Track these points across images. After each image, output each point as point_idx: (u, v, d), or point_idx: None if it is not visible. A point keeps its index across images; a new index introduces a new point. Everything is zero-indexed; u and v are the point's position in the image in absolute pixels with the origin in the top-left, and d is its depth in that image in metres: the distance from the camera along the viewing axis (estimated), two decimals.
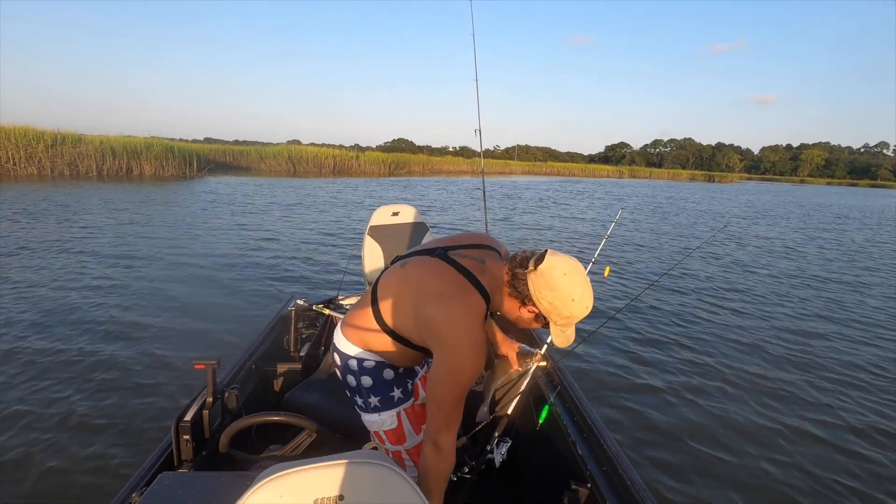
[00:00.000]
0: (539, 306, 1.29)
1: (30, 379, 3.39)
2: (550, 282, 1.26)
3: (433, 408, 1.28)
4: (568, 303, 1.27)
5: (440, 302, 1.28)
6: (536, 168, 61.43)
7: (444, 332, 1.25)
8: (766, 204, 26.27)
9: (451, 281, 1.32)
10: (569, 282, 1.26)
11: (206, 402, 1.71)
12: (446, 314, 1.26)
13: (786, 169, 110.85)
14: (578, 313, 1.29)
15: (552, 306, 1.28)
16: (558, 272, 1.26)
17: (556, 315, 1.29)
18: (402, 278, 1.39)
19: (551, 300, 1.27)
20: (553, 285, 1.26)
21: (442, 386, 1.25)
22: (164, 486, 1.17)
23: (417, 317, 1.31)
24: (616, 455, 1.57)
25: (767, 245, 11.35)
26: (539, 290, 1.27)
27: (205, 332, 4.35)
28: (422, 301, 1.31)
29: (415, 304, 1.32)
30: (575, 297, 1.27)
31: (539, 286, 1.27)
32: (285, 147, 33.73)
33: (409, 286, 1.37)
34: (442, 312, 1.26)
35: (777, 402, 3.67)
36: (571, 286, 1.26)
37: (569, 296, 1.26)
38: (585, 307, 1.29)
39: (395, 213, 2.96)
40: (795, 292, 6.98)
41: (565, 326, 1.33)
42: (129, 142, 21.39)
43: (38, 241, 7.51)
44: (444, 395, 1.25)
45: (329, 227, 10.56)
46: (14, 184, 15.49)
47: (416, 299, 1.32)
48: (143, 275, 6.09)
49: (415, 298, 1.33)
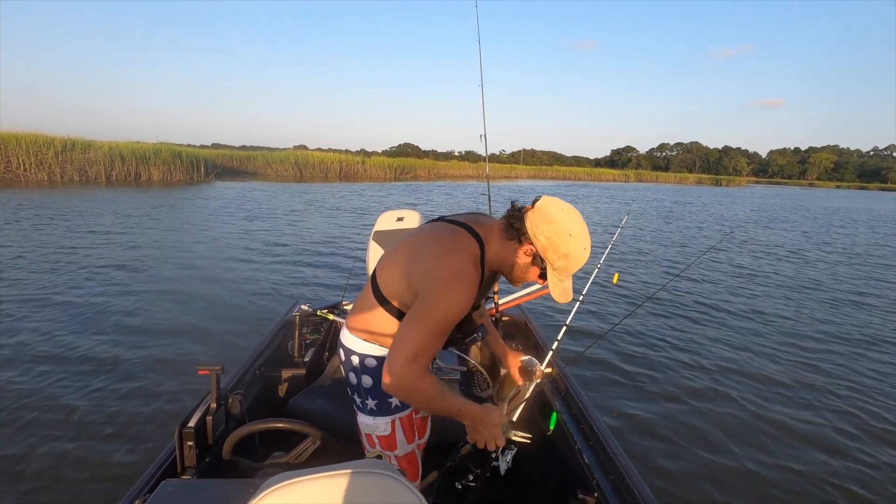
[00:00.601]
0: (536, 243, 1.29)
1: (33, 381, 3.41)
2: (548, 216, 1.28)
3: (408, 335, 1.21)
4: (565, 237, 1.27)
5: (431, 245, 1.30)
6: (542, 172, 61.39)
7: (434, 266, 1.24)
8: (774, 208, 26.09)
9: (441, 229, 1.35)
10: (566, 217, 1.28)
11: (210, 408, 1.71)
12: (436, 250, 1.27)
13: (794, 172, 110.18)
14: (576, 251, 1.28)
15: (549, 241, 1.27)
16: (556, 208, 1.29)
17: (554, 252, 1.28)
18: (397, 246, 1.41)
19: (548, 234, 1.27)
20: (551, 219, 1.28)
21: (424, 315, 1.22)
22: (167, 493, 1.17)
23: (410, 269, 1.29)
24: (623, 464, 1.55)
25: (774, 249, 11.26)
26: (536, 225, 1.28)
27: (208, 336, 4.37)
28: (414, 251, 1.32)
29: (408, 257, 1.32)
30: (573, 231, 1.27)
31: (536, 221, 1.29)
32: (292, 152, 33.95)
33: (402, 246, 1.38)
34: (432, 249, 1.28)
35: (790, 408, 3.62)
36: (569, 220, 1.28)
37: (566, 229, 1.27)
38: (583, 247, 1.29)
39: (399, 217, 2.96)
40: (807, 298, 6.91)
41: (563, 273, 1.32)
42: (137, 147, 21.63)
43: (46, 246, 7.58)
44: (424, 325, 1.22)
45: (334, 232, 10.59)
46: (25, 189, 15.68)
47: (408, 253, 1.33)
48: (148, 279, 6.13)
49: (407, 252, 1.34)
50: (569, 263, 1.30)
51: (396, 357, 1.21)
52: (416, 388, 1.22)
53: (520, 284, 1.43)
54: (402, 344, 1.22)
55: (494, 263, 1.36)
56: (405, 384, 1.21)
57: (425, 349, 1.22)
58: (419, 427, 1.57)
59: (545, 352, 2.31)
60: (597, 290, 6.35)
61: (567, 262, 1.30)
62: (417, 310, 1.24)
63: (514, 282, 1.41)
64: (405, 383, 1.21)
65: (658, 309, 5.83)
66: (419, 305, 1.24)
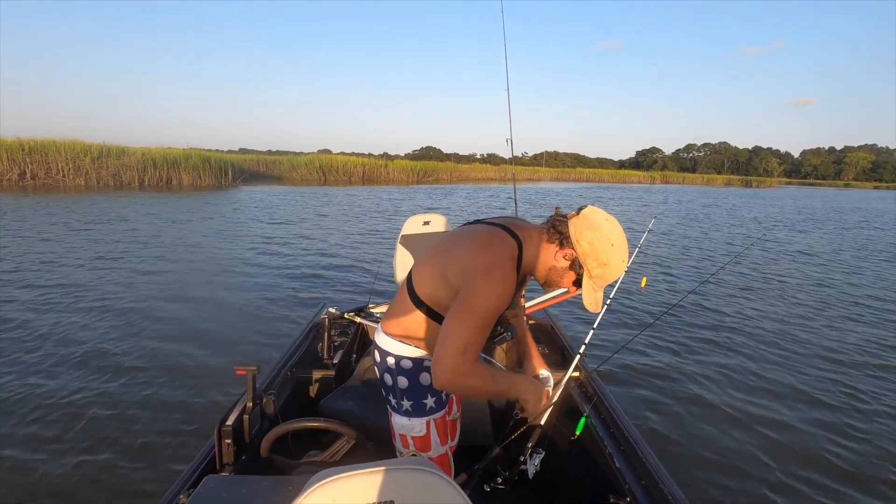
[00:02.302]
0: (577, 248, 1.31)
1: (77, 377, 3.56)
2: (593, 223, 1.31)
3: (453, 330, 1.22)
4: (607, 246, 1.29)
5: (468, 242, 1.33)
6: (565, 174, 60.86)
7: (472, 259, 1.27)
8: (809, 209, 25.26)
9: (478, 229, 1.38)
10: (611, 227, 1.31)
11: (247, 408, 1.76)
12: (474, 246, 1.30)
13: (829, 172, 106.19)
14: (615, 262, 1.30)
15: (591, 247, 1.29)
16: (601, 217, 1.32)
17: (594, 260, 1.30)
18: (432, 247, 1.44)
19: (591, 240, 1.29)
20: (595, 226, 1.30)
21: (466, 309, 1.23)
22: (209, 488, 1.21)
23: (447, 267, 1.32)
24: (656, 469, 1.53)
25: (808, 252, 10.90)
26: (580, 231, 1.31)
27: (236, 337, 4.49)
28: (450, 249, 1.35)
29: (444, 256, 1.36)
30: (615, 241, 1.30)
31: (581, 227, 1.31)
32: (316, 156, 34.49)
33: (437, 246, 1.42)
34: (469, 245, 1.31)
35: (829, 413, 3.51)
36: (613, 231, 1.30)
37: (609, 238, 1.29)
38: (622, 259, 1.31)
39: (426, 221, 2.99)
40: (845, 304, 6.67)
41: (598, 281, 1.33)
42: (168, 153, 22.30)
43: (84, 249, 7.90)
44: (468, 318, 1.23)
45: (359, 235, 10.71)
46: (64, 195, 16.33)
47: (444, 252, 1.37)
48: (178, 280, 6.33)
49: (443, 252, 1.37)
50: (606, 273, 1.32)
51: (445, 353, 1.21)
52: (470, 380, 1.23)
53: (552, 289, 1.44)
54: (449, 339, 1.22)
55: (531, 265, 1.38)
56: (457, 378, 1.22)
57: (473, 342, 1.23)
58: (451, 429, 1.59)
59: (572, 355, 2.30)
60: (623, 293, 6.27)
61: (605, 271, 1.31)
62: (460, 304, 1.25)
63: (546, 285, 1.42)
64: (458, 377, 1.22)
65: (686, 314, 5.72)
66: (461, 299, 1.25)
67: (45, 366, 3.76)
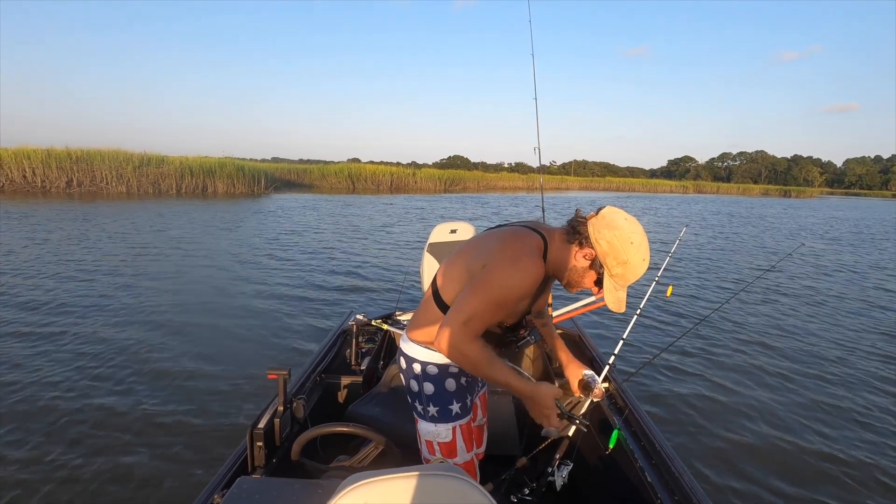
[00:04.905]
0: (597, 247, 1.32)
1: (109, 381, 3.71)
2: (612, 223, 1.31)
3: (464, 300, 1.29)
4: (627, 245, 1.29)
5: (493, 239, 1.38)
6: (594, 184, 60.06)
7: (498, 250, 1.33)
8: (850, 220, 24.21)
9: (504, 228, 1.45)
10: (630, 226, 1.31)
11: (278, 411, 1.80)
12: (499, 242, 1.36)
13: (874, 183, 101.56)
14: (635, 260, 1.30)
15: (611, 246, 1.29)
16: (620, 216, 1.33)
17: (613, 258, 1.30)
18: (457, 250, 1.49)
19: (610, 239, 1.29)
20: (614, 225, 1.30)
21: (481, 284, 1.29)
22: (243, 489, 1.25)
23: (472, 264, 1.36)
24: (689, 483, 1.50)
25: (849, 267, 10.44)
26: (599, 230, 1.31)
27: (265, 343, 4.59)
28: (475, 248, 1.40)
29: (469, 255, 1.40)
30: (634, 240, 1.29)
31: (599, 226, 1.32)
32: (346, 165, 35.13)
33: (463, 247, 1.47)
34: (494, 242, 1.37)
35: (867, 432, 3.34)
36: (632, 230, 1.30)
37: (628, 237, 1.29)
38: (642, 258, 1.30)
39: (453, 230, 3.01)
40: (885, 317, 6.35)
41: (619, 281, 1.33)
42: (205, 162, 23.10)
43: (126, 254, 8.24)
44: (481, 292, 1.29)
45: (386, 244, 10.83)
46: (108, 202, 17.09)
47: (469, 251, 1.42)
48: (210, 285, 6.53)
49: (468, 252, 1.42)
50: (626, 271, 1.31)
51: (449, 318, 1.29)
52: (465, 350, 1.28)
53: (574, 290, 1.44)
54: (457, 307, 1.30)
55: (553, 264, 1.39)
56: (453, 345, 1.28)
57: (478, 315, 1.29)
58: (477, 436, 1.59)
59: (601, 366, 2.27)
60: (650, 304, 6.13)
61: (625, 269, 1.31)
62: (477, 279, 1.31)
63: (569, 287, 1.43)
64: (453, 344, 1.27)
65: (719, 325, 5.55)
66: (480, 275, 1.31)
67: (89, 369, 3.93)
